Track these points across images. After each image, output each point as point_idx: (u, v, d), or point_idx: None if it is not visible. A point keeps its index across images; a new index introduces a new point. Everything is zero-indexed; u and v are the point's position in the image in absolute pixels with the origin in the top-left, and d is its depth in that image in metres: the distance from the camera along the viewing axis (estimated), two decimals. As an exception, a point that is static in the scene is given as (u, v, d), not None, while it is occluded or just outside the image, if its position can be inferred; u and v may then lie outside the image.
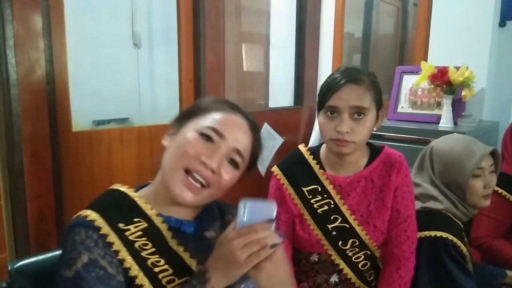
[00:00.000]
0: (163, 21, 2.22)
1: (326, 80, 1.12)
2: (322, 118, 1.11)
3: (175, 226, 0.80)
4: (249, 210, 0.71)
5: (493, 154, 1.28)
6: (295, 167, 1.18)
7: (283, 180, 1.17)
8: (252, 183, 1.18)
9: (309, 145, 1.54)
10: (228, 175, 0.80)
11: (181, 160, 0.78)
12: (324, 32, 2.63)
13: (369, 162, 1.17)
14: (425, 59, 2.26)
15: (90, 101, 1.88)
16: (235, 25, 2.37)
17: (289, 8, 2.58)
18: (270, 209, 0.72)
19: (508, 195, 1.57)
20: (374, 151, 1.19)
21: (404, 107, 2.17)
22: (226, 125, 0.80)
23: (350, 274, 1.15)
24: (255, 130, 0.86)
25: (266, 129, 2.18)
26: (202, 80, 1.93)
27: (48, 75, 1.43)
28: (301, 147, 1.23)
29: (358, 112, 1.06)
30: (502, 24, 2.16)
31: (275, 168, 1.20)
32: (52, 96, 1.45)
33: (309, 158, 1.19)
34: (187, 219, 0.83)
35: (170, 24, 1.95)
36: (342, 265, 1.14)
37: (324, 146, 1.19)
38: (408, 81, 2.16)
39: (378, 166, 1.16)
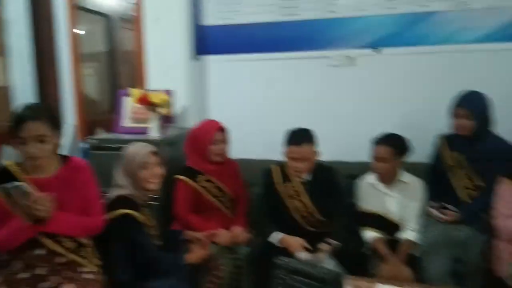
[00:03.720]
0: None
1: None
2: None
3: None
4: None
5: (155, 153, 1.91)
6: None
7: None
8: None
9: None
10: None
11: None
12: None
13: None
14: (144, 83, 2.91)
15: None
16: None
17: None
18: None
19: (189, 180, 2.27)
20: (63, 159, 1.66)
21: (127, 122, 2.73)
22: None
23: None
24: None
25: None
26: None
27: None
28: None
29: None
30: (196, 57, 2.96)
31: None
32: None
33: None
34: None
35: None
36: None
37: None
38: (128, 102, 2.74)
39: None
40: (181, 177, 2.28)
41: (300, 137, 2.18)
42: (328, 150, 2.60)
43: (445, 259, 1.96)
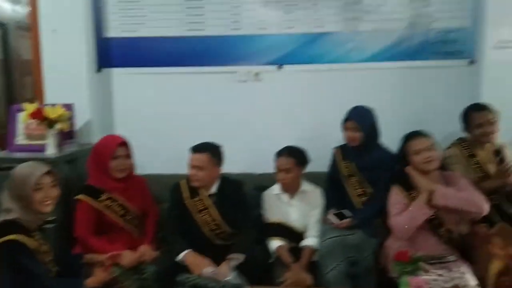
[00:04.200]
0: None
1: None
2: None
3: None
4: None
5: (49, 172, 1.79)
6: None
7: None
8: None
9: None
10: None
11: None
12: None
13: None
14: (43, 97, 2.72)
15: None
16: None
17: None
18: None
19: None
20: None
21: (20, 139, 2.52)
22: None
23: None
24: None
25: None
26: None
27: None
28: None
29: None
30: (98, 70, 2.84)
31: None
32: None
33: None
34: None
35: None
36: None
37: None
38: (22, 117, 2.53)
39: None
40: (81, 196, 2.17)
41: (198, 146, 2.25)
42: (237, 163, 2.69)
43: (341, 262, 2.10)
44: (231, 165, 2.54)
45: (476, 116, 2.32)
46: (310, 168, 2.61)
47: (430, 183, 2.07)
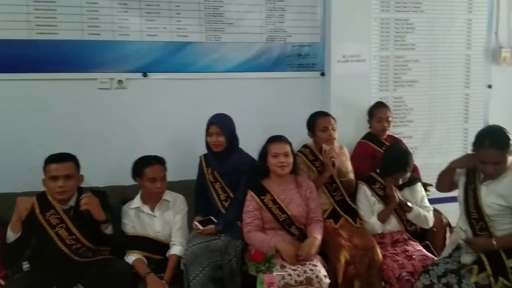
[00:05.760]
0: None
1: None
2: None
3: None
4: None
5: None
6: None
7: None
8: None
9: None
10: None
11: None
12: None
13: None
14: None
15: None
16: None
17: None
18: None
19: None
20: None
21: None
22: None
23: None
24: None
25: None
26: None
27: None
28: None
29: None
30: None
31: None
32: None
33: None
34: None
35: None
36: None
37: None
38: None
39: None
40: None
41: (60, 155, 2.11)
42: (101, 176, 2.56)
43: (205, 267, 2.12)
44: (95, 178, 2.42)
45: (321, 121, 2.58)
46: (181, 176, 2.63)
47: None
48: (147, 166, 2.26)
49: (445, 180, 2.21)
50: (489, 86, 3.34)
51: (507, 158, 1.95)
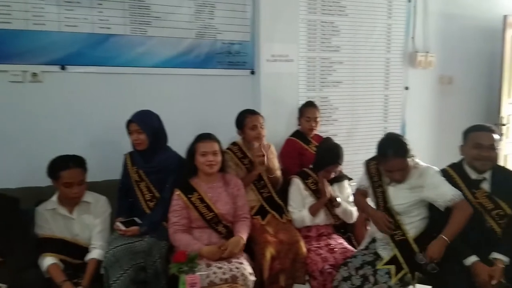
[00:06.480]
0: None
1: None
2: None
3: None
4: None
5: None
6: None
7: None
8: None
9: None
10: None
11: None
12: None
13: None
14: None
15: None
16: None
17: None
18: None
19: None
20: None
21: None
22: None
23: None
24: None
25: None
26: None
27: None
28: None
29: None
30: None
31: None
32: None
33: None
34: None
35: None
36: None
37: None
38: None
39: None
40: None
41: None
42: (14, 176, 2.39)
43: (127, 270, 2.04)
44: (6, 180, 2.26)
45: (250, 120, 2.60)
46: (106, 175, 2.49)
47: None
48: (63, 169, 2.10)
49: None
50: (406, 88, 3.58)
51: (409, 162, 2.11)
